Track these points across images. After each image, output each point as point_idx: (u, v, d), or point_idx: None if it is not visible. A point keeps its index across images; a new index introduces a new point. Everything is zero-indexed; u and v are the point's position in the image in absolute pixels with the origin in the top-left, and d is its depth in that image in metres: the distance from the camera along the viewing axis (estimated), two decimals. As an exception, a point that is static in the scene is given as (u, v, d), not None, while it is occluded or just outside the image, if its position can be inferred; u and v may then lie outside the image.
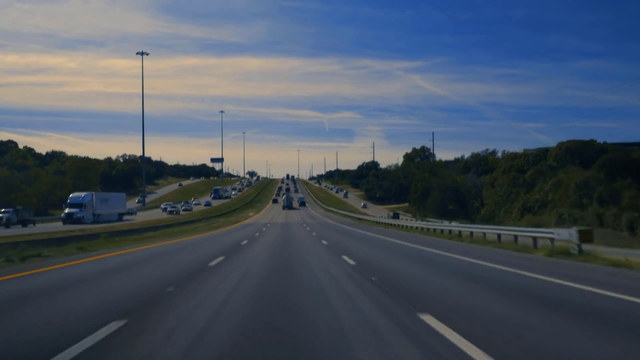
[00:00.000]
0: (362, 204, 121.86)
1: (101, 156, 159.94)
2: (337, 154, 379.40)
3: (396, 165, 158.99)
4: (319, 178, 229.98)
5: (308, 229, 40.07)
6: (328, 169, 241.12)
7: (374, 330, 5.58)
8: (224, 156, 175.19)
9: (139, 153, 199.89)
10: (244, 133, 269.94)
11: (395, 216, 70.32)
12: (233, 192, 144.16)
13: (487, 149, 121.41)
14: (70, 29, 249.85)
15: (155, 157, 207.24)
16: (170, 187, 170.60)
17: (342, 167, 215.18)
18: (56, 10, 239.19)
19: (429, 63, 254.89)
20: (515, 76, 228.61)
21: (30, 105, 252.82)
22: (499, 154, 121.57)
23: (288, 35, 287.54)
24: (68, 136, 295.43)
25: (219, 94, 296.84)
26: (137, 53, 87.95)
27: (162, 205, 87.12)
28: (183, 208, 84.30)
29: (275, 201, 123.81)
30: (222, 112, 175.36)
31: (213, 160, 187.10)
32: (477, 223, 57.12)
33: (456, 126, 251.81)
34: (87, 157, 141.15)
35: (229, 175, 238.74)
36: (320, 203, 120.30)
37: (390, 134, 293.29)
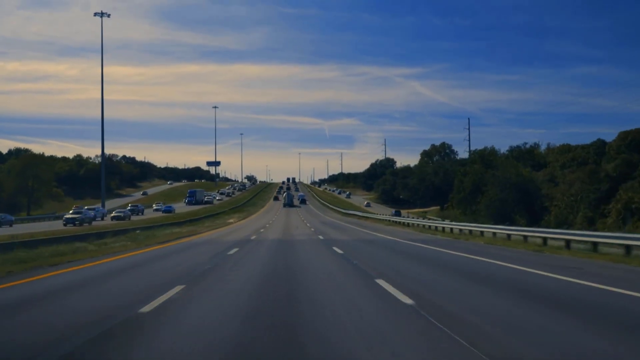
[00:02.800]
0: (365, 202, 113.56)
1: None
2: (341, 156, 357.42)
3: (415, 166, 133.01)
4: (321, 182, 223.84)
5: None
6: (331, 173, 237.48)
7: None
8: (222, 162, 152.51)
9: (139, 158, 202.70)
10: (241, 135, 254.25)
11: (397, 214, 70.24)
12: (218, 197, 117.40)
13: (526, 143, 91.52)
14: (70, 36, 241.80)
15: (149, 160, 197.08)
16: (154, 189, 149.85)
17: (345, 172, 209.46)
18: (56, 17, 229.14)
19: (428, 69, 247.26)
20: (514, 82, 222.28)
21: (31, 113, 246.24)
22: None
23: (288, 42, 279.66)
24: (69, 143, 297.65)
25: (219, 100, 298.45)
26: (95, 14, 64.01)
27: (114, 211, 60.87)
28: (129, 212, 58.43)
29: (276, 199, 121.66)
30: (215, 107, 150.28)
31: (209, 163, 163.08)
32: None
33: (456, 132, 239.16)
34: (43, 153, 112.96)
35: (227, 179, 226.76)
36: (330, 205, 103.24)
37: (391, 141, 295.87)
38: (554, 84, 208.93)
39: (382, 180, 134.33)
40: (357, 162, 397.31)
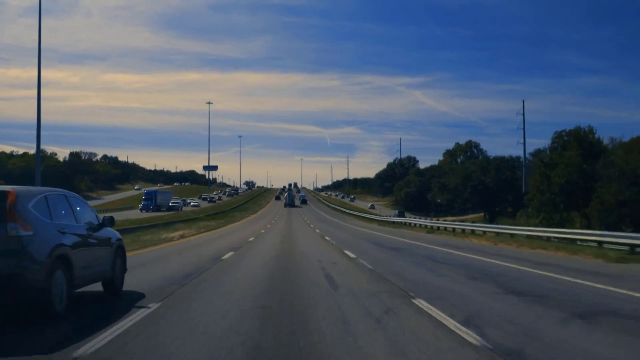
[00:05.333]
0: (369, 204, 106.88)
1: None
2: (347, 159, 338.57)
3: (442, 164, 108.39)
4: (324, 189, 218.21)
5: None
6: (335, 179, 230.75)
7: None
8: (223, 169, 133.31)
9: (141, 164, 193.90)
10: (240, 137, 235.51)
11: (401, 214, 69.58)
12: (195, 202, 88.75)
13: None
14: (72, 43, 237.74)
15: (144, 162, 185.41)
16: (125, 193, 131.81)
17: (351, 177, 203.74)
18: (59, 25, 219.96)
19: (430, 79, 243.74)
20: (516, 92, 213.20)
21: (32, 120, 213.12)
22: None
23: (289, 51, 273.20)
24: (70, 150, 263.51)
25: (220, 108, 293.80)
26: None
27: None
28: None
29: (277, 198, 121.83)
30: (209, 103, 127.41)
31: (206, 167, 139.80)
32: None
33: (458, 141, 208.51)
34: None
35: (225, 185, 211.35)
36: (340, 208, 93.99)
37: (392, 149, 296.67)
38: (556, 94, 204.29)
39: (404, 182, 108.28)
40: (358, 170, 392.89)
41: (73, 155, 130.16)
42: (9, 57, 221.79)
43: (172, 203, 74.29)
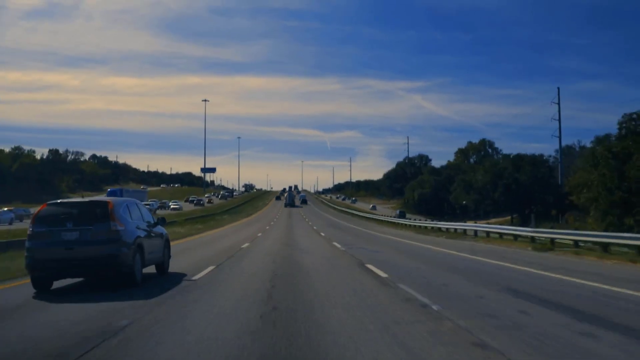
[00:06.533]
0: (371, 205, 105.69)
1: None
2: (350, 161, 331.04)
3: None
4: (325, 191, 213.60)
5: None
6: (337, 182, 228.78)
7: None
8: (223, 172, 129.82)
9: (141, 168, 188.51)
10: (239, 138, 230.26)
11: (402, 215, 67.38)
12: (175, 204, 73.39)
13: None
14: (73, 47, 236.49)
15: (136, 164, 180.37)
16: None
17: (353, 179, 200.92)
18: (59, 28, 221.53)
19: (430, 83, 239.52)
20: (516, 97, 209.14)
21: (32, 123, 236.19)
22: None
23: (290, 55, 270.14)
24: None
25: (221, 112, 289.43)
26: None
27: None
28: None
29: (278, 198, 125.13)
30: (205, 100, 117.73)
31: (204, 170, 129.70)
32: None
33: (459, 146, 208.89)
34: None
35: (223, 187, 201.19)
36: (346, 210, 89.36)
37: (392, 154, 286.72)
38: (556, 99, 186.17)
39: (417, 181, 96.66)
40: (359, 174, 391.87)
41: (53, 152, 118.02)
42: (9, 60, 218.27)
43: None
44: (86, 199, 10.46)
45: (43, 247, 9.00)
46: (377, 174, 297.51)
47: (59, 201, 10.07)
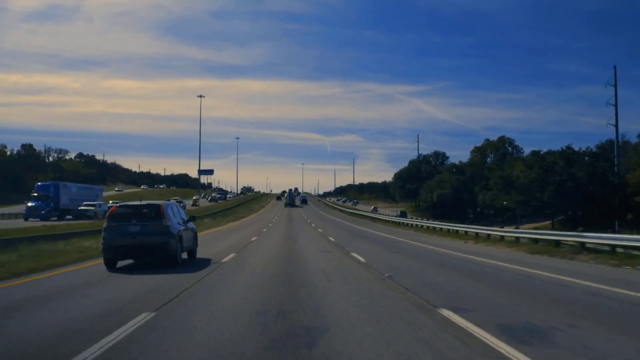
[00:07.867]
0: (372, 207, 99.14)
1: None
2: (353, 163, 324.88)
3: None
4: (326, 194, 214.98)
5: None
6: (338, 185, 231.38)
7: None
8: (223, 175, 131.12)
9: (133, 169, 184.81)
10: (237, 139, 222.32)
11: (403, 215, 69.06)
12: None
13: None
14: (73, 49, 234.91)
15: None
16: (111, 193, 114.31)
17: (357, 182, 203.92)
18: (60, 31, 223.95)
19: (430, 87, 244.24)
20: (516, 101, 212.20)
21: (33, 125, 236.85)
22: None
23: (290, 58, 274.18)
24: (69, 156, 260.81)
25: (220, 115, 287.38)
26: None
27: None
28: None
29: (278, 199, 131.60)
30: (201, 96, 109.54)
31: (201, 172, 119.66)
32: None
33: (459, 150, 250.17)
34: None
35: (220, 189, 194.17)
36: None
37: (393, 158, 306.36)
38: (557, 103, 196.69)
39: (435, 181, 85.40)
40: (360, 177, 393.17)
41: (26, 148, 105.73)
42: (9, 63, 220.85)
43: (83, 207, 50.15)
44: (144, 202, 14.50)
45: (115, 237, 13.10)
46: (377, 178, 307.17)
47: (124, 204, 14.87)
